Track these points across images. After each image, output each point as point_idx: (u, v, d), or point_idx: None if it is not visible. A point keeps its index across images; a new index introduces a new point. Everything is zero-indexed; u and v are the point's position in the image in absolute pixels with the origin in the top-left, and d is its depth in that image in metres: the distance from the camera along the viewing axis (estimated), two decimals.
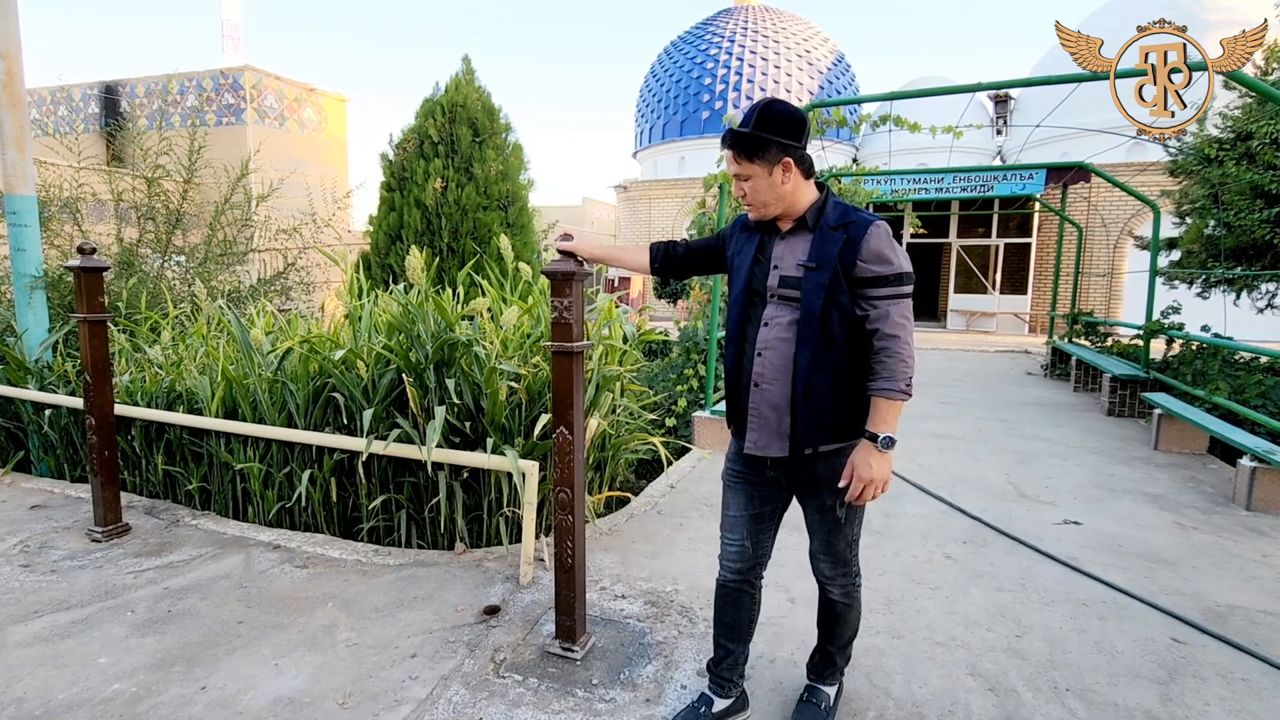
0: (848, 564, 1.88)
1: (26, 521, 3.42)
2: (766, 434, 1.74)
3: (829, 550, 1.86)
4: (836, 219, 1.68)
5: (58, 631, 2.41)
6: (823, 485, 1.77)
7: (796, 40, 20.99)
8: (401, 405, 3.16)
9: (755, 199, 1.71)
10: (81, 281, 3.09)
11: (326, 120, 17.15)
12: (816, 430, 1.70)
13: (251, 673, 2.18)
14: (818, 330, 1.65)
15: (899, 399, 1.64)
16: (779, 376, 1.70)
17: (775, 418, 1.72)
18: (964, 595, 2.75)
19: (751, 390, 1.75)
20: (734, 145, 1.68)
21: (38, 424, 4.19)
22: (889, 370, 1.63)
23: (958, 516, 3.66)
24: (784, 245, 1.74)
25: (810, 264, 1.66)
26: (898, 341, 1.63)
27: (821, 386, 1.67)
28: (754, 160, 1.66)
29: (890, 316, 1.63)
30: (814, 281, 1.65)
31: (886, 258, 1.63)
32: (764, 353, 1.72)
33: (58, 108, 16.55)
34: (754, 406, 1.75)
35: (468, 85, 6.09)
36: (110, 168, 6.43)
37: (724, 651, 1.97)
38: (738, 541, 1.91)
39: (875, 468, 1.64)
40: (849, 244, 1.63)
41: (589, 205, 33.98)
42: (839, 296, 1.64)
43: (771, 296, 1.73)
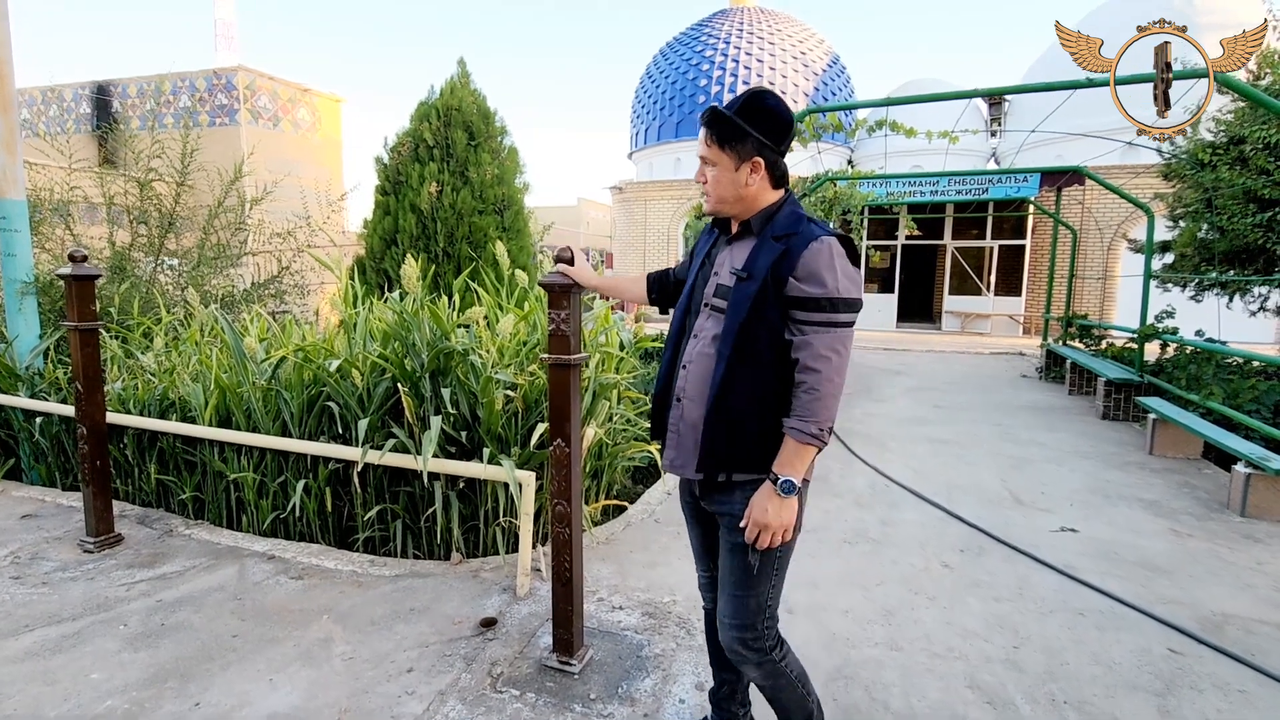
0: (759, 638, 1.58)
1: (17, 531, 3.39)
2: (683, 454, 1.60)
3: (737, 611, 1.57)
4: (784, 228, 1.51)
5: (49, 646, 2.38)
6: (735, 520, 1.56)
7: (792, 42, 21.03)
8: (397, 414, 3.14)
9: (713, 190, 1.56)
10: (73, 289, 3.06)
11: (321, 121, 17.09)
12: (729, 455, 1.52)
13: (246, 688, 2.16)
14: (735, 345, 1.49)
15: (809, 443, 1.45)
16: (697, 394, 1.57)
17: (691, 437, 1.58)
18: (962, 605, 2.75)
19: (674, 405, 1.63)
20: (709, 124, 1.52)
21: (29, 432, 4.15)
22: (804, 408, 1.44)
23: (955, 524, 3.66)
24: (727, 252, 1.60)
25: (742, 273, 1.51)
26: (817, 377, 1.43)
27: (738, 407, 1.50)
28: (724, 148, 1.51)
29: (813, 346, 1.43)
30: (742, 293, 1.49)
31: (821, 278, 1.43)
32: (688, 366, 1.60)
33: (49, 108, 16.45)
34: (673, 423, 1.63)
35: (463, 88, 6.07)
36: (102, 169, 6.37)
37: (720, 680, 1.87)
38: (705, 573, 1.81)
39: (771, 512, 1.47)
40: (785, 256, 1.46)
41: (584, 206, 33.95)
42: (767, 312, 1.47)
43: (705, 305, 1.61)
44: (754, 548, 1.53)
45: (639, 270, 19.94)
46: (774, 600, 1.60)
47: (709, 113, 1.52)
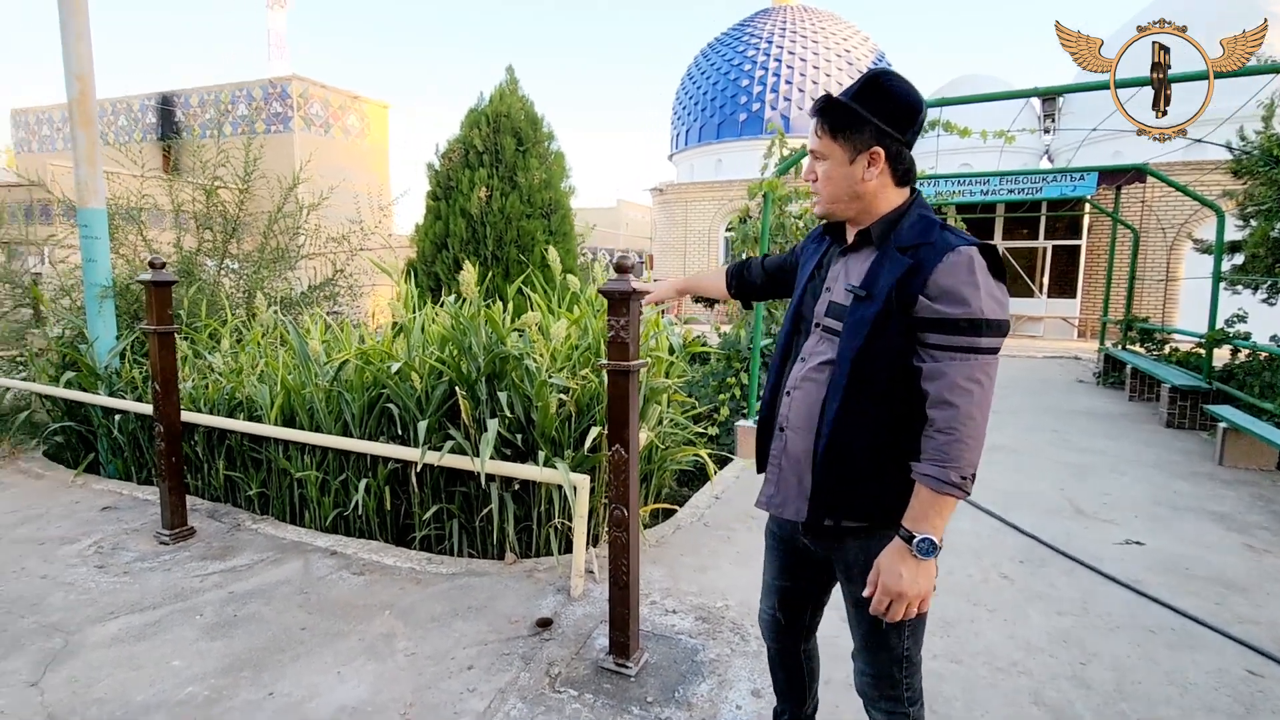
0: (895, 686, 1.43)
1: (99, 523, 3.58)
2: (785, 491, 1.44)
3: (871, 662, 1.44)
4: (911, 238, 1.29)
5: (133, 633, 2.52)
6: (854, 572, 1.39)
7: (836, 40, 20.75)
8: (454, 416, 3.22)
9: (824, 188, 1.37)
10: (152, 294, 3.22)
11: (369, 127, 17.56)
12: (840, 500, 1.34)
13: (315, 680, 2.24)
14: (850, 376, 1.29)
15: (950, 494, 1.22)
16: (802, 424, 1.38)
17: (795, 472, 1.41)
18: (1023, 618, 2.68)
19: (775, 435, 1.45)
20: (821, 111, 1.34)
21: (107, 428, 4.38)
22: (940, 451, 1.22)
23: (1011, 534, 3.57)
24: (842, 264, 1.40)
25: (860, 290, 1.31)
26: (954, 414, 1.21)
27: (856, 447, 1.31)
28: (836, 138, 1.32)
29: (948, 377, 1.22)
30: (860, 314, 1.30)
31: (959, 296, 1.21)
32: (793, 393, 1.42)
33: (118, 118, 17.27)
34: (774, 455, 1.46)
35: (511, 95, 6.17)
36: (169, 176, 6.67)
37: (783, 708, 1.78)
38: (769, 611, 1.65)
39: (907, 578, 1.24)
40: (914, 271, 1.24)
41: (624, 207, 34.07)
42: (890, 337, 1.27)
43: (816, 325, 1.42)
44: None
45: (679, 272, 19.93)
46: (914, 648, 1.41)
47: (821, 99, 1.34)
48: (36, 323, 5.52)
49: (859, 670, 1.48)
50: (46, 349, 4.99)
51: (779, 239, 5.73)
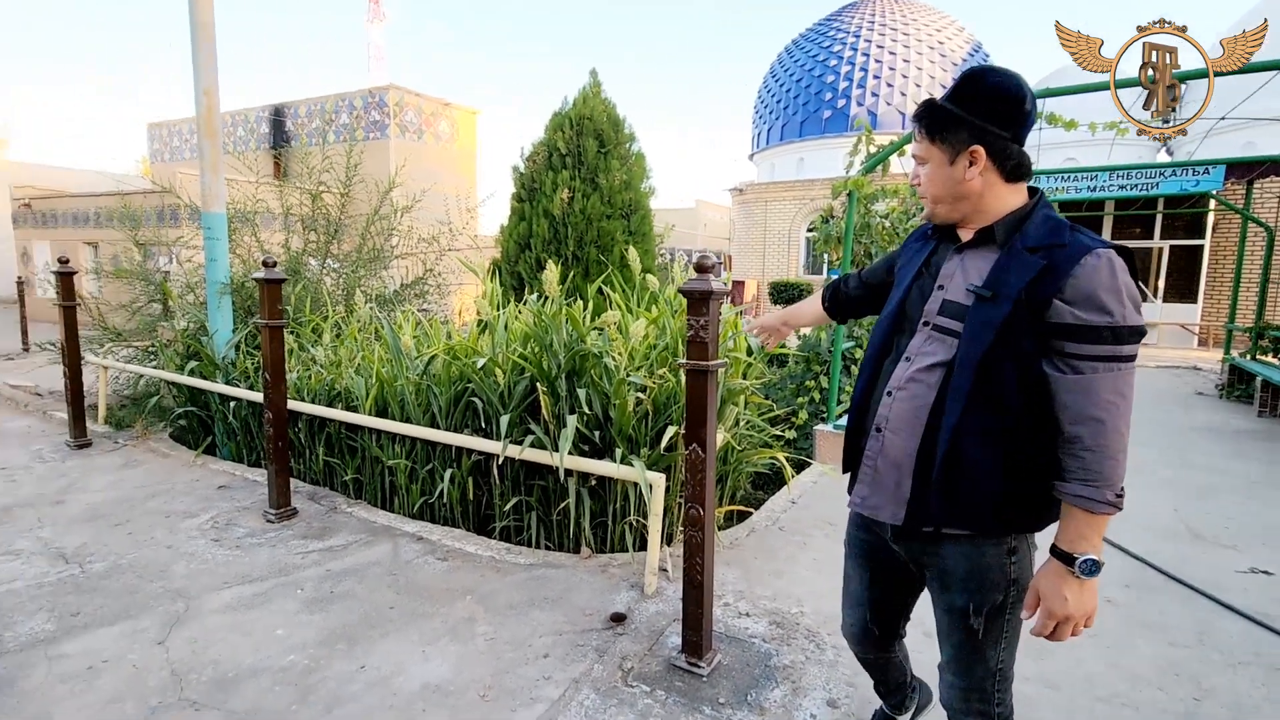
0: (986, 700, 1.38)
1: (215, 500, 3.91)
2: (879, 493, 1.40)
3: (964, 674, 1.39)
4: (1039, 238, 1.24)
5: (243, 602, 2.73)
6: (952, 581, 1.34)
7: (928, 31, 19.90)
8: (534, 411, 3.31)
9: (927, 191, 1.36)
10: (265, 291, 3.48)
11: (459, 132, 18.27)
12: (948, 508, 1.29)
13: (402, 657, 2.36)
14: (973, 382, 1.23)
15: (1105, 513, 1.18)
16: (905, 427, 1.34)
17: (893, 476, 1.37)
18: (1129, 646, 2.49)
19: (871, 436, 1.42)
20: (919, 116, 1.35)
21: (223, 413, 4.78)
22: (1088, 469, 1.17)
23: (1118, 556, 3.32)
24: (957, 261, 1.35)
25: (983, 290, 1.24)
26: (1101, 430, 1.16)
27: (972, 455, 1.25)
28: (935, 140, 1.31)
29: (1094, 391, 1.16)
30: (985, 316, 1.23)
31: (1100, 302, 1.15)
32: (894, 393, 1.37)
33: (236, 129, 18.74)
34: (869, 456, 1.42)
35: (594, 98, 6.28)
36: (279, 182, 7.20)
37: (884, 690, 1.84)
38: (859, 623, 1.61)
39: (1073, 600, 1.20)
40: (1048, 273, 1.19)
41: (702, 208, 33.96)
42: (1018, 342, 1.21)
43: (924, 324, 1.37)
44: (976, 612, 1.32)
45: (757, 273, 19.67)
46: (1009, 662, 1.38)
47: (921, 105, 1.35)
48: (166, 316, 6.08)
49: (948, 683, 1.44)
50: (173, 340, 5.48)
51: (863, 239, 5.56)
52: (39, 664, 2.29)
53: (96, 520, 3.55)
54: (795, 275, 18.96)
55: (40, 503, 3.79)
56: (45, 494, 3.93)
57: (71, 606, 2.67)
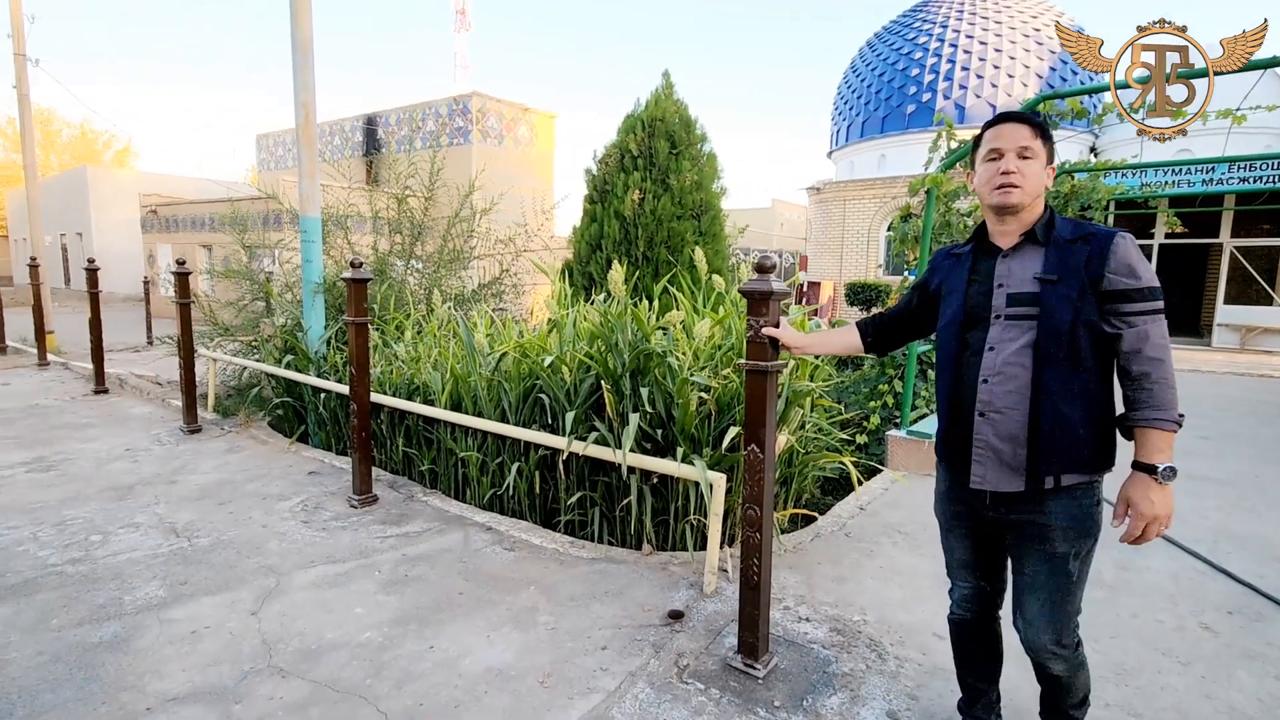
0: (1071, 634, 1.65)
1: (306, 484, 4.20)
2: (995, 468, 1.61)
3: (1051, 618, 1.62)
4: (1070, 232, 1.58)
5: (327, 580, 2.93)
6: (1054, 530, 1.58)
7: (1024, 19, 18.81)
8: (599, 409, 3.38)
9: (1026, 182, 1.58)
10: (351, 290, 3.71)
11: (537, 136, 18.75)
12: (1063, 460, 1.54)
13: (469, 640, 2.47)
14: (1066, 349, 1.51)
15: (1172, 429, 1.50)
16: (1014, 404, 1.56)
17: (1009, 450, 1.58)
18: (1227, 678, 2.30)
19: (977, 421, 1.61)
20: (1030, 122, 1.61)
21: (315, 404, 5.12)
22: (1157, 398, 1.49)
23: (1219, 579, 3.06)
24: (1008, 263, 1.62)
25: (1050, 276, 1.54)
26: (1163, 366, 1.50)
27: (1073, 414, 1.53)
28: (1045, 142, 1.61)
29: (1151, 337, 1.50)
30: (1058, 295, 1.52)
31: (1137, 270, 1.51)
32: (990, 379, 1.59)
33: (333, 138, 19.93)
34: (982, 438, 1.61)
35: (667, 99, 6.31)
36: (369, 188, 7.63)
37: (975, 692, 1.91)
38: (972, 584, 1.82)
39: (1159, 502, 1.49)
40: (1095, 254, 1.52)
41: (778, 207, 33.41)
42: (1088, 312, 1.51)
43: (996, 318, 1.61)
44: (1077, 552, 1.59)
45: (835, 273, 19.18)
46: (1081, 604, 1.67)
47: (1019, 113, 1.63)
48: (268, 313, 6.56)
49: (1038, 628, 1.64)
50: (273, 336, 5.92)
51: (943, 238, 5.34)
52: (152, 626, 2.54)
53: (203, 499, 3.88)
54: (874, 276, 18.37)
55: (157, 482, 4.18)
56: (162, 474, 4.33)
57: (180, 576, 2.94)
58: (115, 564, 3.04)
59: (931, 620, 2.64)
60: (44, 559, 3.07)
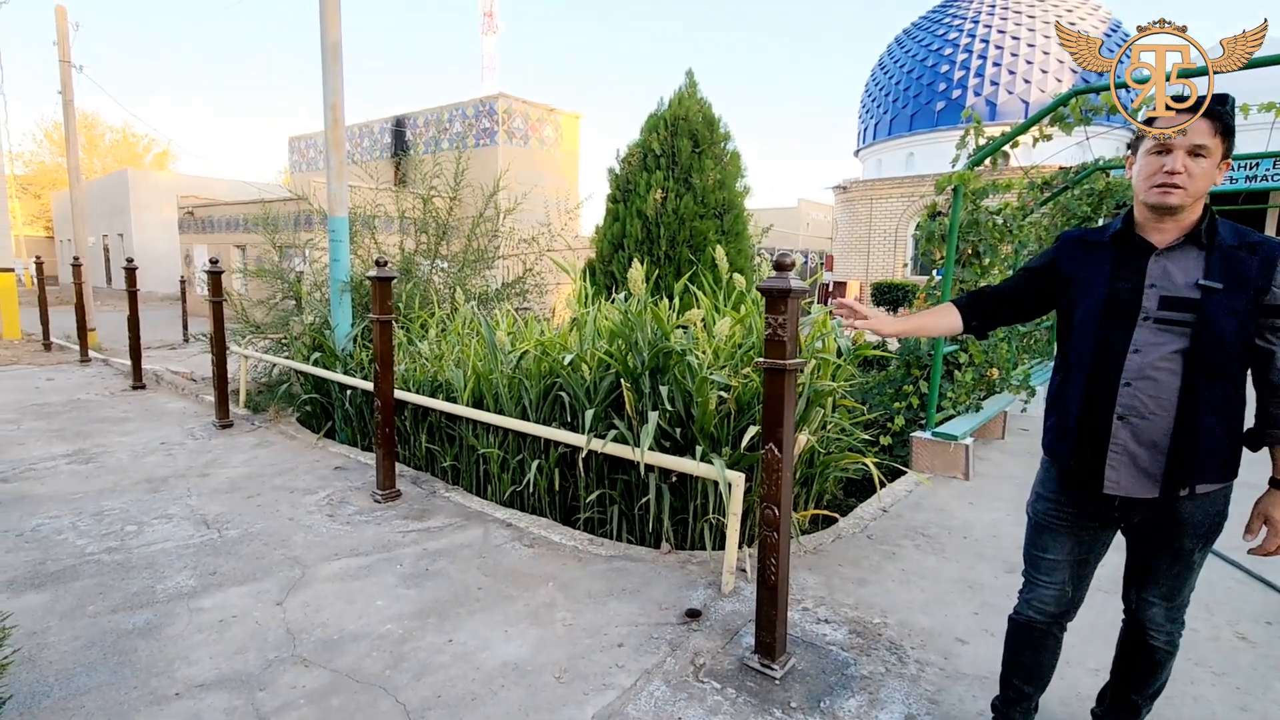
0: (1183, 611, 1.75)
1: (331, 479, 4.27)
2: (1130, 473, 1.58)
3: (1171, 599, 1.70)
4: (1234, 238, 1.53)
5: (350, 573, 2.98)
6: (1184, 528, 1.62)
7: (1059, 12, 18.41)
8: (618, 407, 3.39)
9: (1193, 184, 1.50)
10: (376, 288, 3.77)
11: (562, 136, 18.85)
12: (1202, 471, 1.55)
13: (487, 634, 2.50)
14: (1221, 361, 1.50)
15: None
16: (1159, 410, 1.53)
17: (1147, 456, 1.56)
18: (1265, 689, 2.22)
19: (1116, 424, 1.58)
20: (1213, 115, 1.49)
21: (341, 401, 5.21)
22: None
23: (1259, 589, 2.96)
24: (1164, 262, 1.55)
25: (1215, 285, 1.49)
26: None
27: (1216, 425, 1.53)
28: (1223, 140, 1.51)
29: None
30: (1223, 306, 1.48)
31: None
32: (1135, 383, 1.55)
33: (363, 140, 20.26)
34: (1119, 443, 1.58)
35: (690, 98, 6.30)
36: (396, 188, 7.74)
37: (1018, 694, 1.89)
38: (1057, 585, 1.78)
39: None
40: (1265, 265, 1.49)
41: (804, 207, 33.15)
42: (1248, 324, 1.50)
43: (1145, 319, 1.55)
44: (1201, 549, 1.65)
45: (861, 273, 18.96)
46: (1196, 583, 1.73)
47: (1217, 99, 1.50)
48: (298, 312, 6.70)
49: (1160, 609, 1.71)
50: (302, 333, 6.04)
51: (970, 237, 5.24)
52: (182, 614, 2.61)
53: (233, 492, 3.98)
54: (901, 276, 18.12)
55: (190, 474, 4.29)
56: (194, 467, 4.45)
57: (210, 566, 3.01)
58: (149, 553, 3.13)
59: (954, 624, 2.60)
60: (82, 548, 3.17)
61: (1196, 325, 1.49)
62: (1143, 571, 1.71)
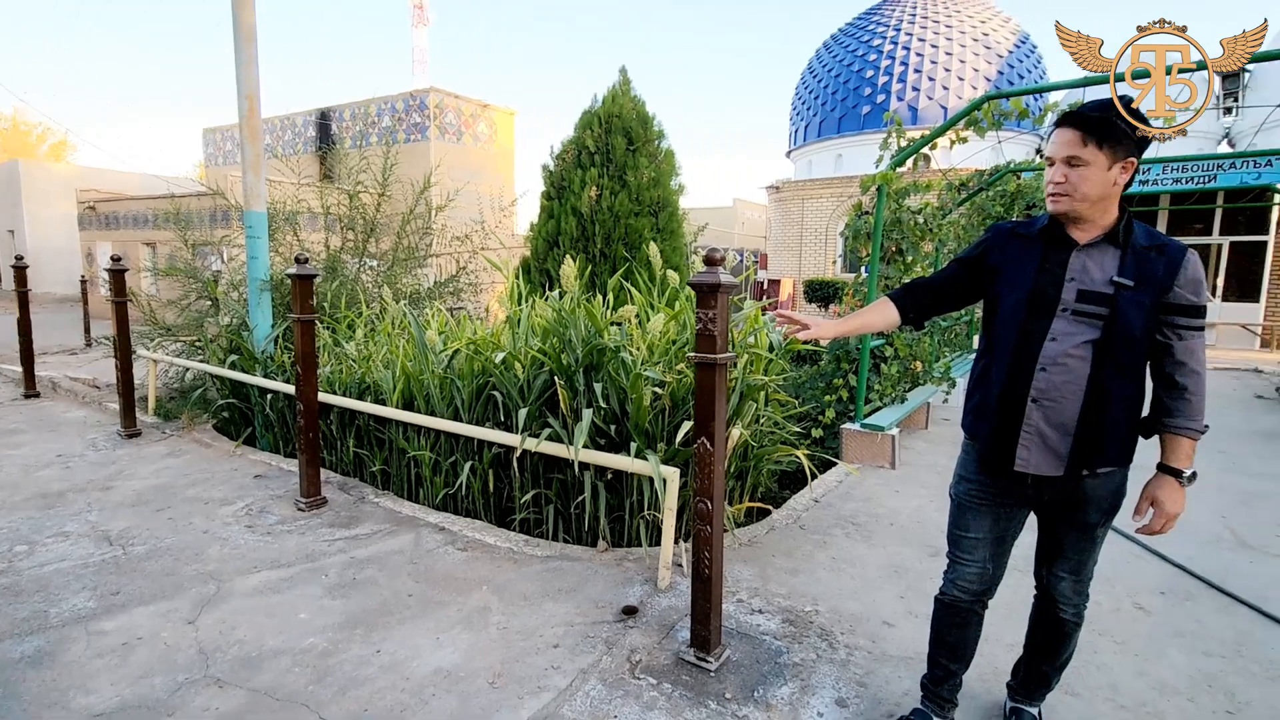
0: (1088, 584, 1.85)
1: (251, 489, 4.05)
2: (1040, 453, 1.68)
3: (1078, 573, 1.81)
4: (1147, 239, 1.63)
5: (270, 586, 2.83)
6: (1089, 504, 1.73)
7: (973, 23, 19.37)
8: (553, 405, 3.34)
9: (1078, 191, 1.59)
10: (297, 286, 3.60)
11: (497, 133, 18.53)
12: (1103, 454, 1.66)
13: (417, 643, 2.42)
14: (1128, 353, 1.60)
15: (1198, 438, 1.65)
16: (1069, 395, 1.63)
17: (1056, 437, 1.66)
18: (1159, 655, 2.39)
19: (1029, 407, 1.68)
20: (1082, 126, 1.58)
21: (261, 406, 4.95)
22: (1193, 409, 1.63)
23: (1154, 562, 3.19)
24: (1084, 258, 1.65)
25: (1126, 282, 1.59)
26: (1200, 380, 1.63)
27: (1119, 412, 1.64)
28: (1101, 147, 1.56)
29: (1196, 352, 1.62)
30: (1133, 302, 1.58)
31: (1200, 289, 1.60)
32: (1049, 369, 1.65)
33: (284, 133, 19.36)
34: (1031, 423, 1.68)
35: (624, 96, 6.29)
36: (321, 184, 7.44)
37: (945, 672, 1.96)
38: (979, 563, 1.86)
39: (1180, 503, 1.66)
40: (1170, 266, 1.58)
41: (739, 206, 33.72)
42: (1153, 319, 1.60)
43: (1063, 311, 1.65)
44: (1102, 524, 1.75)
45: (794, 271, 19.45)
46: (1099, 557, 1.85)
47: (1078, 115, 1.60)
48: (213, 313, 6.32)
49: (1066, 583, 1.83)
50: (218, 335, 5.70)
51: (894, 235, 5.44)
52: (79, 639, 2.42)
53: (141, 506, 3.72)
54: (832, 274, 18.69)
55: (90, 488, 3.99)
56: (96, 480, 4.13)
57: (112, 586, 2.80)
58: (41, 575, 2.88)
59: (881, 609, 2.69)
60: None
61: (1109, 318, 1.59)
62: (1052, 547, 1.81)
